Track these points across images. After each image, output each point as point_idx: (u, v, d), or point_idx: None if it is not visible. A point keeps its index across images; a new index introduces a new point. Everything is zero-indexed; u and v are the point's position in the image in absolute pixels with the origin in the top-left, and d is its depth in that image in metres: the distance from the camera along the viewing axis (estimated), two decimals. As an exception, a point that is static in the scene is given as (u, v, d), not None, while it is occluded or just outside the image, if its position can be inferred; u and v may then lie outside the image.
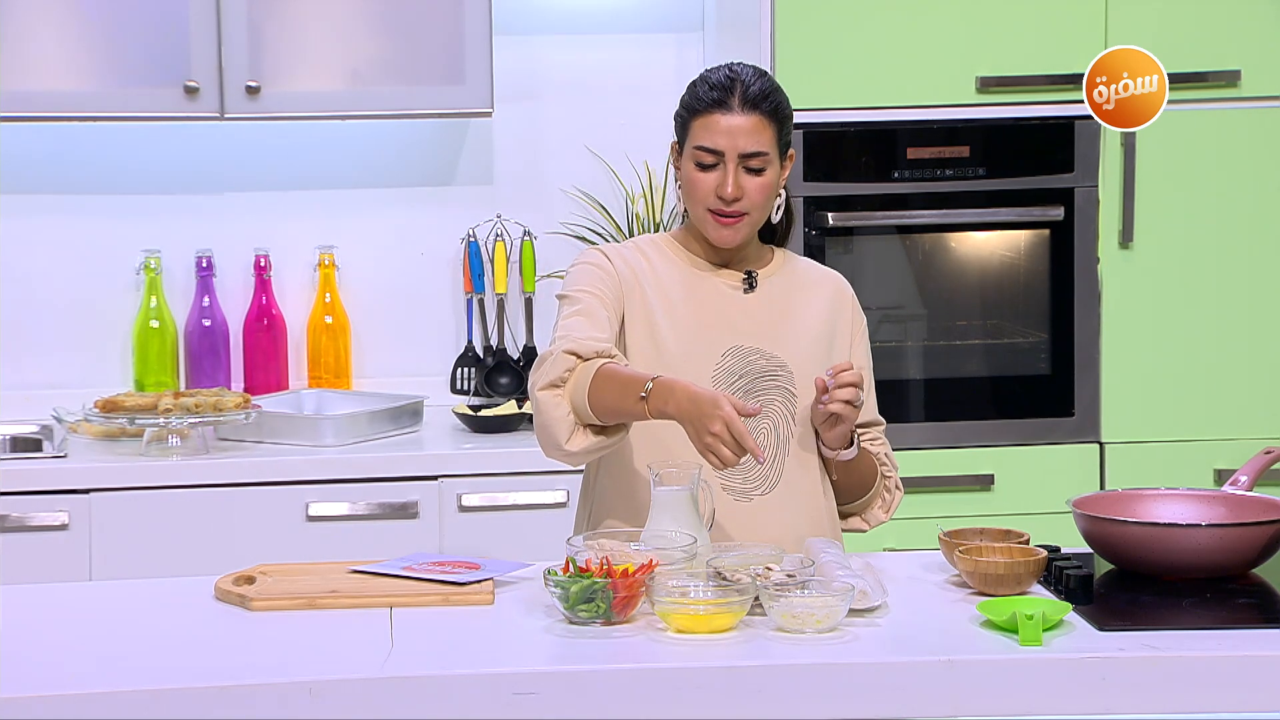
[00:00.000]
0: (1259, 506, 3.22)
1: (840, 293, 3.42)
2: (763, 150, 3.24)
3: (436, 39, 4.59)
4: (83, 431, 4.55)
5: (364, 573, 3.15)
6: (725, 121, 3.24)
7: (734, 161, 3.24)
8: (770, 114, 3.25)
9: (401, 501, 4.36)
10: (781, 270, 3.39)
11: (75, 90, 4.52)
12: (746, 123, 3.24)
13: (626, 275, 3.31)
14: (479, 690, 2.69)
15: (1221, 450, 4.59)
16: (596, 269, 3.31)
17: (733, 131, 3.23)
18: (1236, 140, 4.61)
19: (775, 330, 3.32)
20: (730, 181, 3.23)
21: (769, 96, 3.26)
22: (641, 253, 3.36)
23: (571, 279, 3.33)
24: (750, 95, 3.24)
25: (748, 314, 3.32)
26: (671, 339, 3.28)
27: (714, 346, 3.29)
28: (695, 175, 3.27)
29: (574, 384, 3.11)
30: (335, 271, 4.89)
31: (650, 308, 3.29)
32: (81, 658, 2.80)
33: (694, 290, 3.33)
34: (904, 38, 4.53)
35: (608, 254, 3.34)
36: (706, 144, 3.25)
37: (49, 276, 4.85)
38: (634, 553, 3.00)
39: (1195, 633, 2.85)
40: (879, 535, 4.46)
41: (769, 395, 3.29)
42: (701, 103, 3.27)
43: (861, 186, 4.57)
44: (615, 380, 3.08)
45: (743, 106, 3.24)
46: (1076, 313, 4.63)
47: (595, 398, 3.08)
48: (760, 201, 3.27)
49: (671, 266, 3.35)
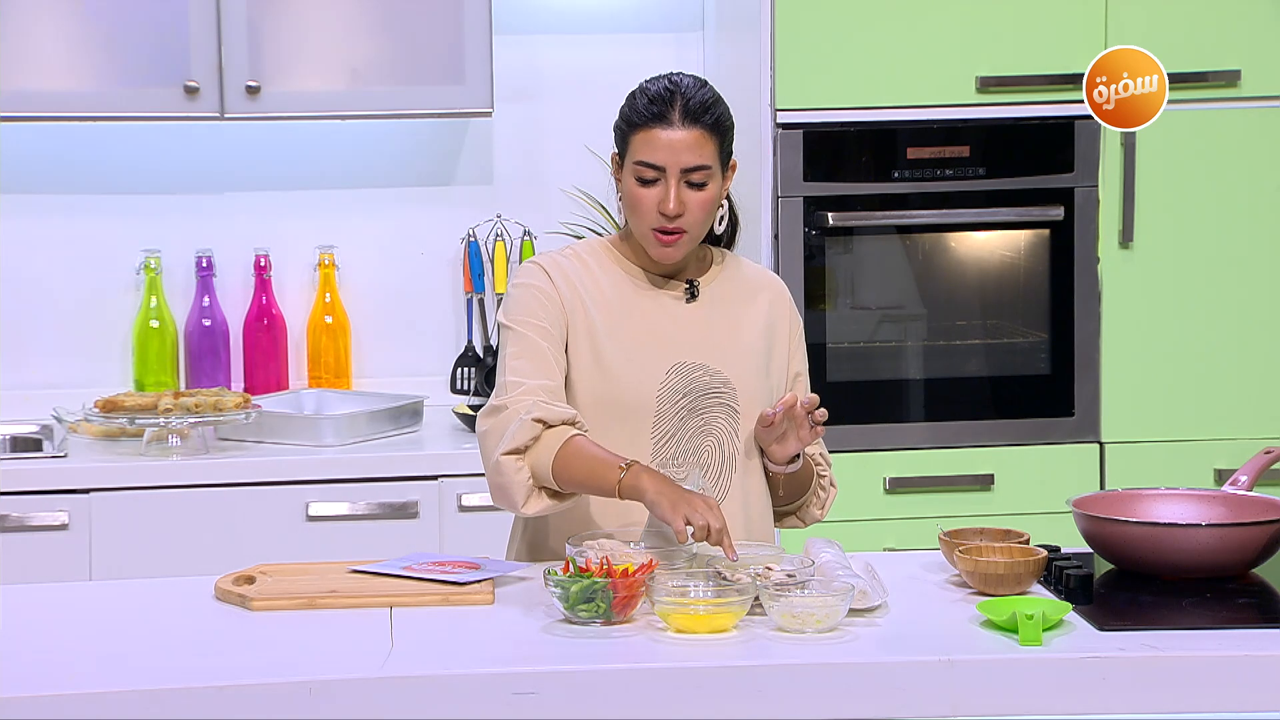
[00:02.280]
0: (1259, 506, 3.22)
1: (779, 297, 3.40)
2: (705, 164, 3.20)
3: (436, 39, 4.58)
4: (83, 431, 4.55)
5: (364, 573, 3.15)
6: (666, 136, 3.19)
7: (675, 177, 3.19)
8: (711, 127, 3.20)
9: (401, 501, 4.36)
10: (722, 276, 3.36)
11: (75, 90, 4.52)
12: (688, 137, 3.19)
13: (568, 293, 3.27)
14: (479, 690, 2.69)
15: (1221, 450, 4.59)
16: (537, 292, 3.27)
17: (674, 146, 3.18)
18: (1236, 140, 4.61)
19: (718, 343, 3.29)
20: (673, 197, 3.18)
21: (710, 109, 3.21)
22: (583, 262, 3.32)
23: (512, 304, 3.28)
24: (691, 108, 3.19)
25: (691, 327, 3.29)
26: (616, 357, 3.25)
27: (658, 364, 3.26)
28: (637, 191, 3.22)
29: (538, 451, 3.11)
30: (335, 271, 4.89)
31: (593, 324, 3.26)
32: (81, 658, 2.80)
33: (636, 303, 3.30)
34: (904, 38, 4.53)
35: (549, 270, 3.29)
36: (647, 159, 3.20)
37: (49, 276, 4.85)
38: (634, 552, 3.00)
39: (1195, 633, 2.86)
40: (879, 535, 4.49)
41: (713, 413, 3.27)
42: (641, 116, 3.21)
43: (861, 186, 4.57)
44: (584, 458, 3.09)
45: (683, 120, 3.19)
46: (1076, 313, 4.63)
47: (561, 469, 3.09)
48: (701, 218, 3.22)
49: (613, 278, 3.31)
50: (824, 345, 4.55)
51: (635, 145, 3.22)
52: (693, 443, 3.25)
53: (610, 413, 3.23)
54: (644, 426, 3.24)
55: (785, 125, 4.51)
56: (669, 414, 3.25)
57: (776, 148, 4.51)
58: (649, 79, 3.28)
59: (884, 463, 4.57)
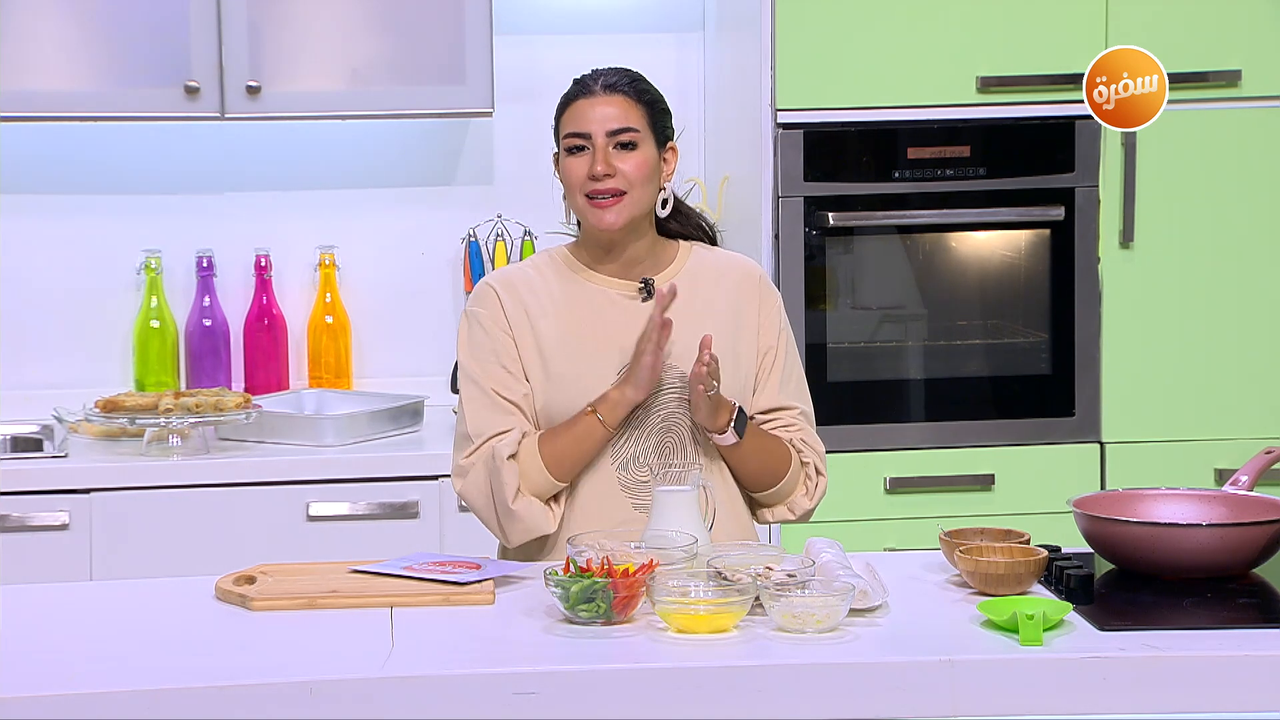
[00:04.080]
0: (1259, 506, 3.22)
1: (746, 278, 3.38)
2: (630, 126, 3.25)
3: (437, 39, 4.59)
4: (83, 431, 4.55)
5: (364, 573, 3.15)
6: (587, 104, 3.27)
7: (601, 139, 3.24)
8: (634, 96, 3.28)
9: (401, 501, 4.36)
10: (682, 271, 3.35)
11: (75, 90, 4.52)
12: (609, 102, 3.27)
13: (514, 312, 3.30)
14: (479, 690, 2.69)
15: (1222, 450, 4.59)
16: (483, 334, 3.32)
17: (597, 112, 3.25)
18: (1236, 140, 4.61)
19: (675, 338, 3.26)
20: (600, 160, 3.23)
21: (633, 81, 3.30)
22: (540, 273, 3.34)
23: (463, 346, 3.35)
24: (611, 80, 3.28)
25: (645, 325, 3.28)
26: (564, 367, 3.27)
27: (608, 366, 3.27)
28: (568, 163, 3.28)
29: (528, 475, 3.23)
30: (335, 271, 4.89)
31: (541, 339, 3.29)
32: (81, 658, 2.80)
33: (589, 309, 3.30)
34: (904, 38, 4.53)
35: (499, 291, 3.32)
36: (573, 129, 3.26)
37: (49, 276, 4.85)
38: (634, 552, 3.01)
39: (1196, 632, 2.85)
40: (880, 535, 4.48)
41: (669, 409, 3.28)
42: (566, 97, 3.31)
43: (862, 186, 4.57)
44: (562, 442, 3.22)
45: (605, 89, 3.27)
46: (1077, 313, 4.63)
47: (554, 467, 3.22)
48: (637, 178, 3.25)
49: (567, 286, 3.32)
50: (824, 345, 4.55)
51: (564, 123, 3.29)
52: (652, 439, 3.26)
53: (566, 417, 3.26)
54: None
55: (786, 125, 4.51)
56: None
57: (777, 148, 4.51)
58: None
59: (884, 463, 4.57)
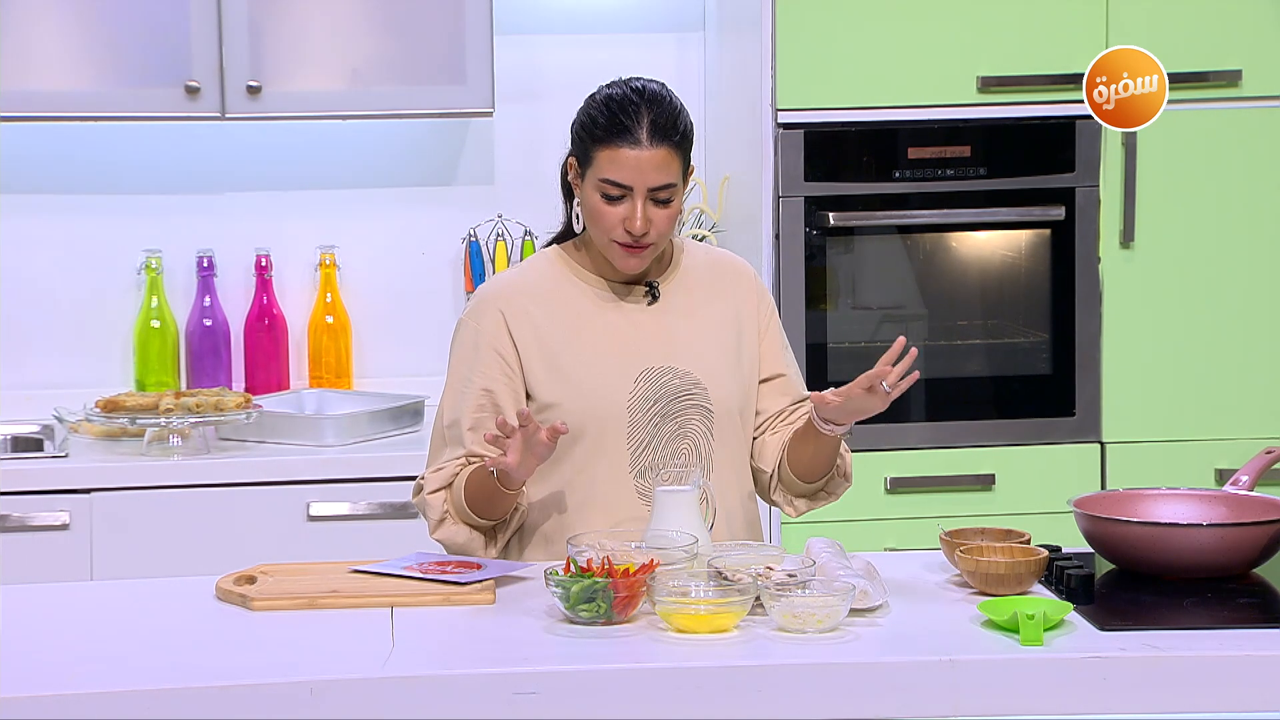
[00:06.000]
0: (1260, 506, 3.22)
1: (741, 280, 3.37)
2: (671, 182, 3.17)
3: (437, 39, 4.59)
4: (84, 431, 4.55)
5: (365, 573, 3.15)
6: (633, 156, 3.15)
7: (642, 196, 3.16)
8: (678, 144, 3.17)
9: (402, 501, 4.36)
10: (682, 272, 3.34)
11: (76, 90, 4.52)
12: (655, 157, 3.15)
13: (517, 325, 3.26)
14: (479, 690, 2.69)
15: (1222, 450, 4.59)
16: (473, 351, 3.28)
17: (641, 166, 3.15)
18: (1237, 140, 4.61)
19: (684, 343, 3.27)
20: (639, 216, 3.16)
21: (676, 124, 3.18)
22: (540, 278, 3.30)
23: (453, 355, 3.33)
24: (659, 125, 3.16)
25: (655, 331, 3.28)
26: (580, 373, 3.25)
27: (626, 373, 3.25)
28: (601, 207, 3.18)
29: (459, 508, 3.24)
30: (336, 271, 4.89)
31: (549, 347, 3.25)
32: (81, 658, 2.80)
33: (597, 314, 3.28)
34: (904, 38, 4.53)
35: (499, 306, 3.27)
36: (613, 177, 3.16)
37: (49, 276, 4.85)
38: (635, 552, 3.01)
39: (1196, 633, 2.85)
40: (880, 535, 4.48)
41: (687, 415, 3.27)
42: (606, 132, 3.17)
43: (862, 186, 4.57)
44: (476, 486, 3.22)
45: (651, 139, 3.15)
46: (1077, 313, 4.63)
47: (472, 507, 3.23)
48: (666, 230, 3.20)
49: (571, 291, 3.29)
50: (825, 345, 4.55)
51: (600, 162, 3.18)
52: (669, 447, 3.25)
53: (585, 427, 3.24)
54: (619, 437, 3.24)
55: (786, 125, 4.51)
56: (642, 422, 3.24)
57: (777, 148, 4.51)
58: (609, 85, 3.26)
59: (885, 463, 4.57)
